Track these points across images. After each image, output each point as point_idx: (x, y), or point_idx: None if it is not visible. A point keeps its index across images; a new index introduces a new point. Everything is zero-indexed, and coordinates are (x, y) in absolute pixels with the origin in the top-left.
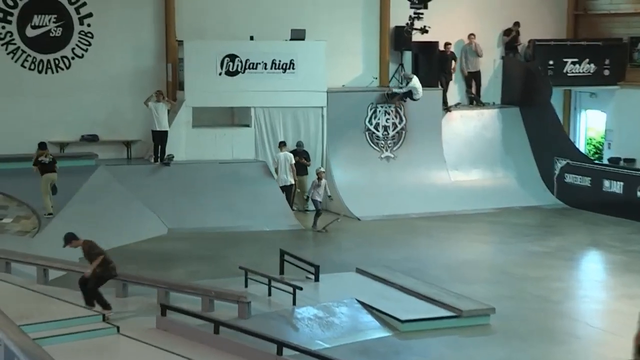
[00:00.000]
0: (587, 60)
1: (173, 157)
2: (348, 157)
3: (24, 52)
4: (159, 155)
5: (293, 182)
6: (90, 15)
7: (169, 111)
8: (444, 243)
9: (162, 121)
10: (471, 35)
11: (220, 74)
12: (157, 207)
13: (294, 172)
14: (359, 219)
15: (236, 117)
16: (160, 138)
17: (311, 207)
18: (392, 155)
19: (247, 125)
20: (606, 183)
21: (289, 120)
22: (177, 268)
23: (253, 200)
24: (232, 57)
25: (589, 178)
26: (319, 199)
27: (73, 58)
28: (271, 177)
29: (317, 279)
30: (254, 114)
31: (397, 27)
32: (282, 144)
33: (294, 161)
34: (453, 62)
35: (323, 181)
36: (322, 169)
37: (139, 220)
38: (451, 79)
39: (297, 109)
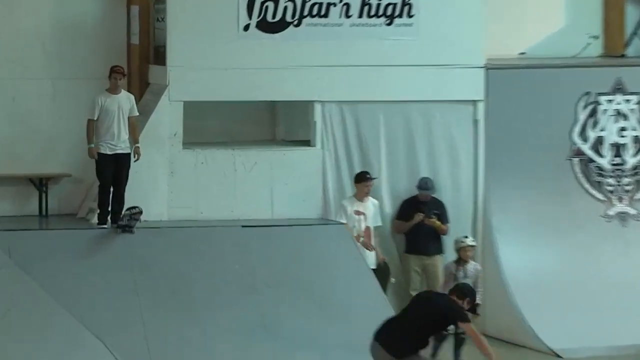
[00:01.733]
0: None
1: (141, 213)
2: (533, 214)
3: None
4: (109, 208)
5: (380, 265)
6: None
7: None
8: None
9: (120, 134)
10: None
11: (246, 28)
12: (107, 328)
13: (369, 240)
14: (558, 356)
15: (282, 125)
16: (116, 171)
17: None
18: (635, 211)
19: (307, 143)
20: None
21: (399, 131)
22: None
23: (323, 317)
24: None
25: None
26: None
27: None
28: (364, 262)
29: None
30: (323, 116)
31: None
32: (361, 178)
33: (379, 221)
34: None
35: (471, 267)
36: (470, 241)
37: (68, 356)
38: None
39: (416, 107)
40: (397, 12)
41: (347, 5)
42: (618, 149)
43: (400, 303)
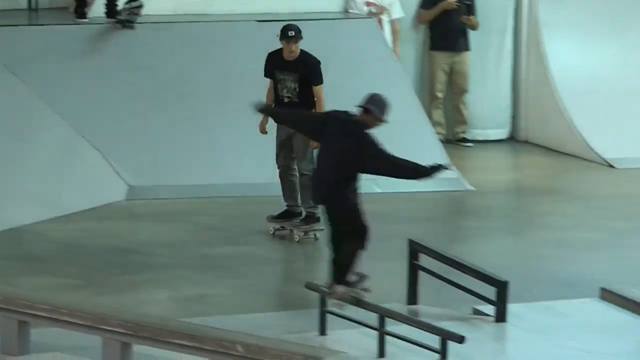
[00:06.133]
0: None
1: (141, 6)
2: (587, 4)
3: None
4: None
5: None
6: None
7: None
8: None
9: None
10: None
11: None
12: (105, 136)
13: (396, 37)
14: (611, 166)
15: None
16: None
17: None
18: None
19: None
20: None
21: None
22: (152, 284)
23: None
24: None
25: None
26: None
27: None
28: (397, 64)
29: (501, 317)
30: None
31: None
32: None
33: (398, 13)
34: None
35: None
36: None
37: (66, 166)
38: None
39: None
40: None
41: None
42: None
43: (427, 107)
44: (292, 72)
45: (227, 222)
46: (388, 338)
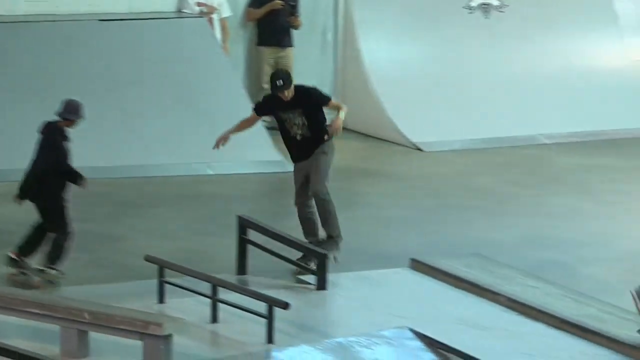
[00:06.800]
0: None
1: None
2: (396, 5)
3: None
4: None
5: None
6: None
7: None
8: (610, 207)
9: None
10: None
11: None
12: None
13: (225, 35)
14: (419, 149)
15: None
16: None
17: None
18: (497, 2)
19: None
20: None
21: None
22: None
23: (187, 108)
24: None
25: None
26: None
27: None
28: (226, 59)
29: (321, 285)
30: None
31: None
32: None
33: (226, 11)
34: None
35: None
36: None
37: None
38: None
39: None
40: None
41: None
42: None
43: (255, 98)
44: (295, 109)
45: (75, 200)
46: (220, 305)
